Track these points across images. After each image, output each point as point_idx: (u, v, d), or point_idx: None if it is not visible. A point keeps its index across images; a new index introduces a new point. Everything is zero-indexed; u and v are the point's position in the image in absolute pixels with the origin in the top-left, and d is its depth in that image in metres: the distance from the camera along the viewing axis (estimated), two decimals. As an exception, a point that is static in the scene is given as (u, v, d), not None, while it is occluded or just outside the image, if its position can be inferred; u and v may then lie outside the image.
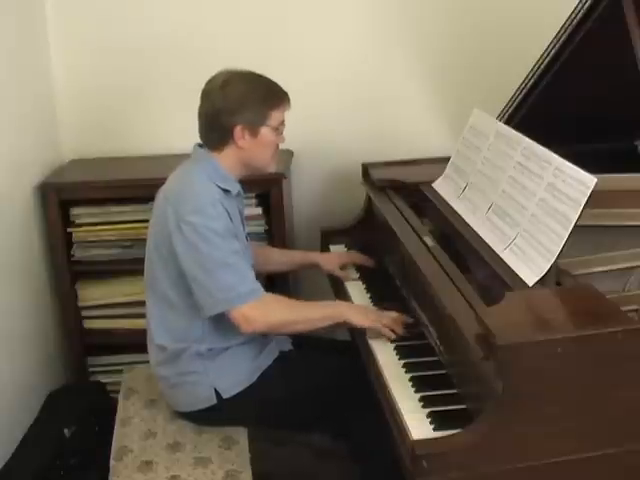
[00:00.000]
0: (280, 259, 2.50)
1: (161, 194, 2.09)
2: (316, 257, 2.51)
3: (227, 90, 2.03)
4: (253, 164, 2.11)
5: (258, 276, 2.15)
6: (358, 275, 2.44)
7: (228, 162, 2.08)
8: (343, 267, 2.47)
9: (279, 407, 2.07)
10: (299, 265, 2.55)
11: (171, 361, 2.09)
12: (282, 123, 2.10)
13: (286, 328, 2.09)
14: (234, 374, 2.07)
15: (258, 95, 2.05)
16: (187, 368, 2.07)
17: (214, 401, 2.06)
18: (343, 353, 2.21)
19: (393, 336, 2.02)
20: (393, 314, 2.07)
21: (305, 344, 2.26)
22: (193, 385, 2.08)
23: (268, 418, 2.12)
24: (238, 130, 2.03)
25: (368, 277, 2.43)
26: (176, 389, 2.12)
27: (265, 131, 2.06)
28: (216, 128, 2.05)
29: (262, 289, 2.02)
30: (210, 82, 2.07)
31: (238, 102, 2.02)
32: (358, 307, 2.19)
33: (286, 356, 2.18)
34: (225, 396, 2.06)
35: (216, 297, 1.97)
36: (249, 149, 2.06)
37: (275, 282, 2.70)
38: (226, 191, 2.07)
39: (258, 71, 2.10)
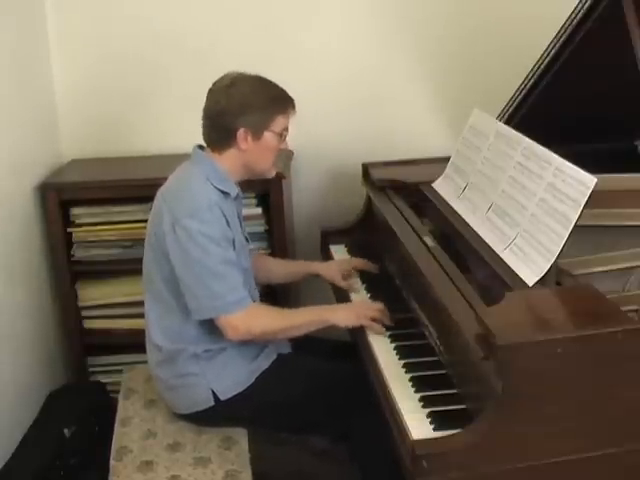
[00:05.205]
0: (279, 271, 2.45)
1: (159, 194, 2.09)
2: (316, 267, 2.45)
3: (232, 91, 2.02)
4: (254, 168, 2.10)
5: (256, 285, 2.16)
6: (364, 286, 2.35)
7: (228, 164, 2.07)
8: (345, 274, 2.39)
9: (277, 410, 2.07)
10: (299, 276, 2.49)
11: (168, 362, 2.09)
12: (286, 129, 2.09)
13: (271, 336, 2.09)
14: (231, 376, 2.07)
15: (263, 98, 2.03)
16: (184, 370, 2.07)
17: (212, 403, 2.06)
18: (343, 355, 2.20)
19: (382, 330, 2.04)
20: (380, 305, 2.10)
21: (304, 347, 2.24)
22: (190, 387, 2.08)
23: (266, 421, 2.11)
24: (241, 133, 2.02)
25: (368, 277, 2.41)
26: (174, 391, 2.12)
27: (268, 135, 2.05)
28: (219, 128, 2.04)
29: (250, 299, 2.02)
30: (217, 81, 2.06)
31: (242, 104, 2.00)
32: (343, 308, 2.18)
33: (284, 359, 2.17)
34: (222, 398, 2.05)
35: (203, 304, 1.98)
36: (251, 153, 2.05)
37: (276, 289, 2.69)
38: (225, 193, 2.06)
39: (259, 71, 2.10)
